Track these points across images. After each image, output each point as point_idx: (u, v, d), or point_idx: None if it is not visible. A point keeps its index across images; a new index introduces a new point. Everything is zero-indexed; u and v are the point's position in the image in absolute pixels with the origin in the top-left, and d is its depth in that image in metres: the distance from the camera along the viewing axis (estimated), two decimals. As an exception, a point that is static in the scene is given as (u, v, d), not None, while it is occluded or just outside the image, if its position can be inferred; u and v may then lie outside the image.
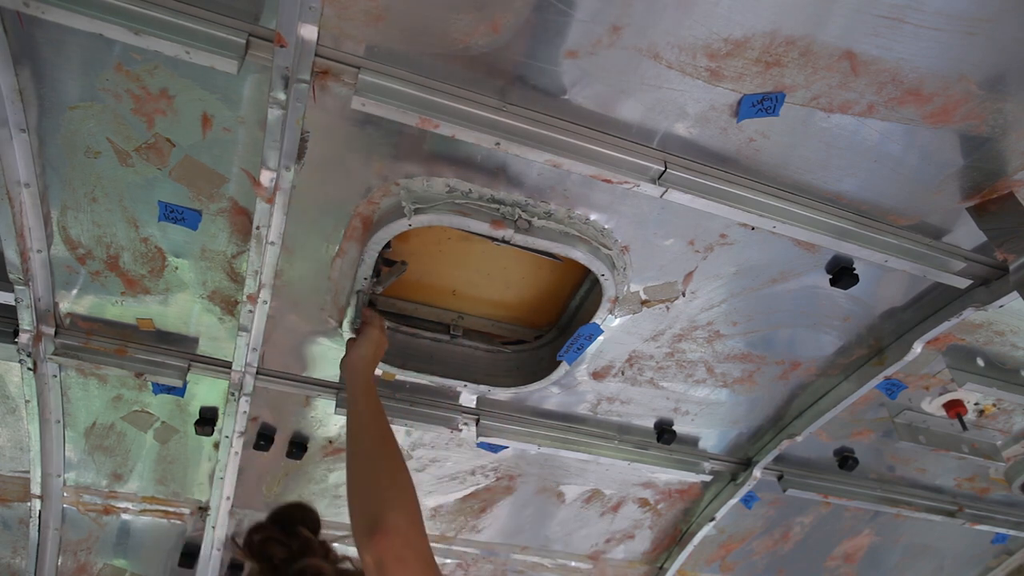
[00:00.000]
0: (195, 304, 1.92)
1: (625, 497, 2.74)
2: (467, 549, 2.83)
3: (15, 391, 2.11)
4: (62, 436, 2.18)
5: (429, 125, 1.46)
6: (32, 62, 1.40)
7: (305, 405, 2.22)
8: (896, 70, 1.41)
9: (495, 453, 2.44)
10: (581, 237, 1.76)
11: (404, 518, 1.35)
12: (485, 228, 1.67)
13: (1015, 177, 1.66)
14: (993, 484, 3.00)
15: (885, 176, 1.66)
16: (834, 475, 2.75)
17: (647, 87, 1.46)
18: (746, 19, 1.33)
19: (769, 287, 1.97)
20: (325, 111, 1.48)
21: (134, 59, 1.39)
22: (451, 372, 2.11)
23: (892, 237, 1.80)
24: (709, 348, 2.15)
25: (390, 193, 1.65)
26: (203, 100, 1.47)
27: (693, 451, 2.58)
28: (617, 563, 3.01)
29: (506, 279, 2.10)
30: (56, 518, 2.37)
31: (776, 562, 3.21)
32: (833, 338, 2.17)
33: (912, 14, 1.31)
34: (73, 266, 1.80)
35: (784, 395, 2.38)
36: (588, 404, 2.34)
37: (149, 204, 1.67)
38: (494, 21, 1.34)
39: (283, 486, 2.47)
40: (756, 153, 1.61)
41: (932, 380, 2.37)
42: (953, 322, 2.00)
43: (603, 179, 1.59)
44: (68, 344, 1.96)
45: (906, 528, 3.17)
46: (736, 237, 1.81)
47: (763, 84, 1.45)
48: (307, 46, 1.33)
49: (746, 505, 2.74)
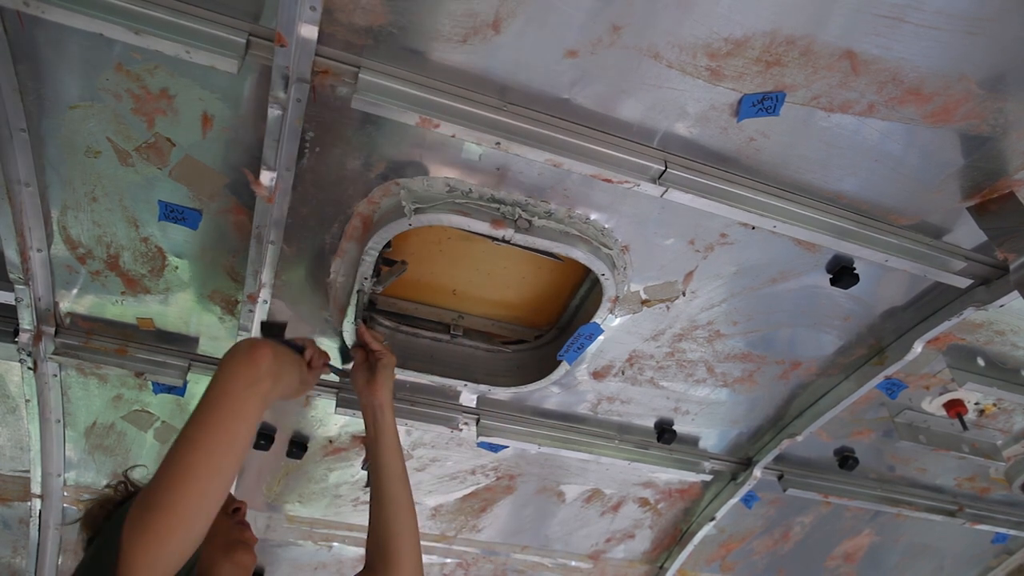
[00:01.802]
0: (195, 304, 1.92)
1: (625, 497, 2.74)
2: (467, 549, 2.83)
3: (15, 390, 2.11)
4: (62, 435, 2.18)
5: (429, 125, 1.46)
6: (32, 62, 1.40)
7: (305, 405, 2.22)
8: (896, 69, 1.41)
9: (495, 453, 2.44)
10: (581, 237, 1.75)
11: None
12: (485, 228, 1.67)
13: (1015, 176, 1.66)
14: (993, 484, 3.00)
15: (885, 176, 1.66)
16: (834, 475, 2.74)
17: (647, 87, 1.46)
18: (746, 19, 1.33)
19: (769, 287, 1.97)
20: (325, 111, 1.48)
21: (134, 59, 1.39)
22: (451, 372, 2.11)
23: (892, 237, 1.80)
24: (709, 348, 2.15)
25: (390, 193, 1.65)
26: (203, 100, 1.47)
27: (693, 451, 2.58)
28: (617, 563, 3.01)
29: (506, 279, 2.10)
30: (56, 517, 2.37)
31: (776, 562, 3.21)
32: (833, 338, 2.16)
33: (912, 13, 1.31)
34: (73, 266, 1.80)
35: (784, 395, 2.38)
36: (588, 404, 2.34)
37: (149, 204, 1.67)
38: (495, 20, 1.34)
39: (283, 485, 2.47)
40: (756, 153, 1.61)
41: (932, 380, 2.37)
42: (953, 322, 2.00)
43: (603, 179, 1.59)
44: (68, 343, 1.96)
45: (906, 528, 3.17)
46: (736, 237, 1.81)
47: (763, 84, 1.45)
48: (307, 46, 1.33)
49: (746, 505, 2.74)
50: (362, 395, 1.75)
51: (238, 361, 1.30)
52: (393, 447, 1.71)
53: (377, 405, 1.72)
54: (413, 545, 1.65)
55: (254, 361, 1.31)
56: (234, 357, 1.31)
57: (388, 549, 1.62)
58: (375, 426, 1.71)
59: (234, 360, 1.31)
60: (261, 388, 1.30)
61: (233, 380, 1.28)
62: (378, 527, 1.65)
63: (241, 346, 1.35)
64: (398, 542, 1.62)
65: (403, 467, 1.71)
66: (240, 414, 1.25)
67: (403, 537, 1.63)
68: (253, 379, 1.29)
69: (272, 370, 1.33)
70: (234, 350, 1.34)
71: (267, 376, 1.32)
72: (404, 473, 1.70)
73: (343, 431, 2.32)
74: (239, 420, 1.25)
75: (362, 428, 2.29)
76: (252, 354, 1.32)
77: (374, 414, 1.72)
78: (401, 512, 1.65)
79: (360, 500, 2.55)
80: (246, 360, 1.31)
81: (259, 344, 1.35)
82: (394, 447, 1.71)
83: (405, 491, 1.68)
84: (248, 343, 1.36)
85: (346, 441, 2.35)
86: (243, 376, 1.29)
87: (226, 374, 1.28)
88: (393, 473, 1.68)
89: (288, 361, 1.46)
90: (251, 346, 1.34)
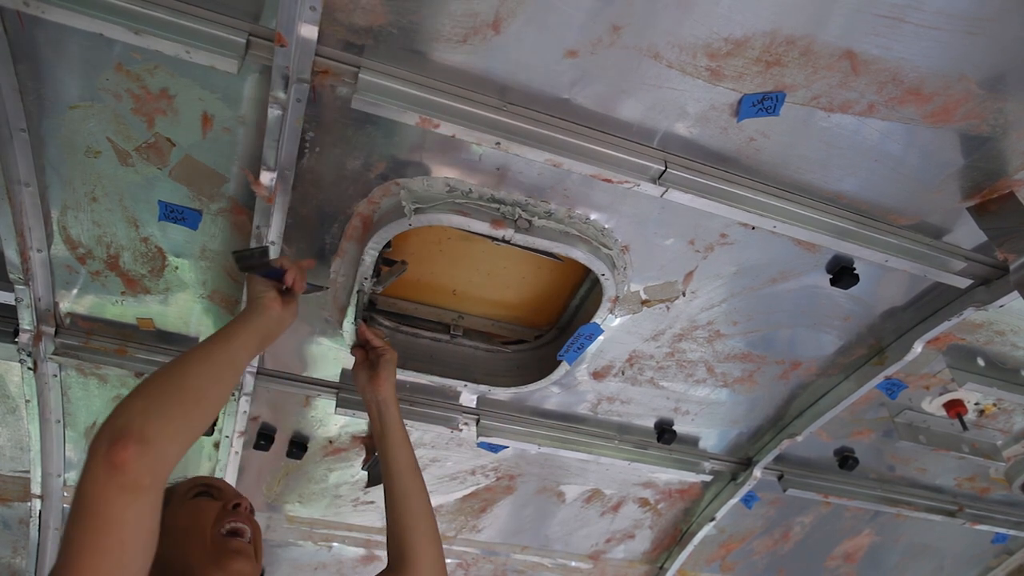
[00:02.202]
0: (195, 304, 1.92)
1: (625, 497, 2.74)
2: (467, 549, 2.83)
3: (15, 391, 2.11)
4: (62, 436, 2.18)
5: (429, 125, 1.46)
6: (32, 62, 1.40)
7: (305, 405, 2.22)
8: (896, 69, 1.41)
9: (495, 453, 2.44)
10: (581, 237, 1.75)
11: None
12: (485, 228, 1.67)
13: (1015, 177, 1.66)
14: (993, 484, 3.00)
15: (885, 176, 1.66)
16: (834, 475, 2.74)
17: (647, 87, 1.46)
18: (746, 19, 1.33)
19: (769, 287, 1.97)
20: (325, 111, 1.48)
21: (134, 59, 1.39)
22: (451, 372, 2.11)
23: (892, 237, 1.80)
24: (709, 348, 2.15)
25: (390, 193, 1.65)
26: (203, 100, 1.47)
27: (693, 451, 2.58)
28: (617, 563, 3.01)
29: (506, 279, 2.10)
30: (56, 518, 2.37)
31: (776, 562, 3.21)
32: (833, 338, 2.16)
33: (912, 13, 1.31)
34: (73, 266, 1.80)
35: (784, 395, 2.38)
36: (588, 404, 2.34)
37: (149, 204, 1.67)
38: (495, 20, 1.34)
39: (283, 485, 2.47)
40: (756, 153, 1.61)
41: (932, 380, 2.37)
42: (953, 322, 2.00)
43: (603, 179, 1.59)
44: (68, 344, 1.96)
45: (906, 528, 3.17)
46: (736, 237, 1.81)
47: (763, 84, 1.45)
48: (307, 46, 1.33)
49: (746, 505, 2.74)
50: (365, 392, 1.75)
51: (96, 464, 1.03)
52: (401, 441, 1.69)
53: (382, 400, 1.71)
54: (430, 538, 1.61)
55: (115, 466, 1.02)
56: (94, 458, 1.03)
57: (404, 543, 1.58)
58: (381, 421, 1.70)
59: (94, 463, 1.03)
60: (137, 488, 1.03)
61: (94, 487, 1.02)
62: (394, 523, 1.62)
63: (102, 445, 1.04)
64: (414, 535, 1.59)
65: (413, 460, 1.69)
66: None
67: (419, 530, 1.60)
68: (118, 486, 1.02)
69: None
70: (94, 450, 1.04)
71: (144, 473, 1.04)
72: (415, 466, 1.68)
73: (343, 431, 2.32)
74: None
75: (362, 428, 2.31)
76: (111, 458, 1.02)
77: (379, 409, 1.71)
78: (415, 505, 1.62)
79: (360, 500, 2.55)
80: (106, 465, 1.02)
81: (122, 441, 1.03)
82: (402, 440, 1.70)
83: (417, 483, 1.66)
84: (108, 440, 1.04)
85: (346, 441, 2.35)
86: (107, 483, 1.03)
87: (86, 480, 1.03)
88: (403, 466, 1.66)
89: (266, 320, 1.38)
90: (111, 445, 1.03)
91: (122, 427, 1.05)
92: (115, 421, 1.07)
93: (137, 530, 1.03)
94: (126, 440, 1.03)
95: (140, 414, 1.09)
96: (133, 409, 1.10)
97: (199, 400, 1.19)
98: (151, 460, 1.05)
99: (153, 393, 1.15)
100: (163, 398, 1.14)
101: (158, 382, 1.18)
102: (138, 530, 1.04)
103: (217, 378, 1.25)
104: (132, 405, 1.11)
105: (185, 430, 1.15)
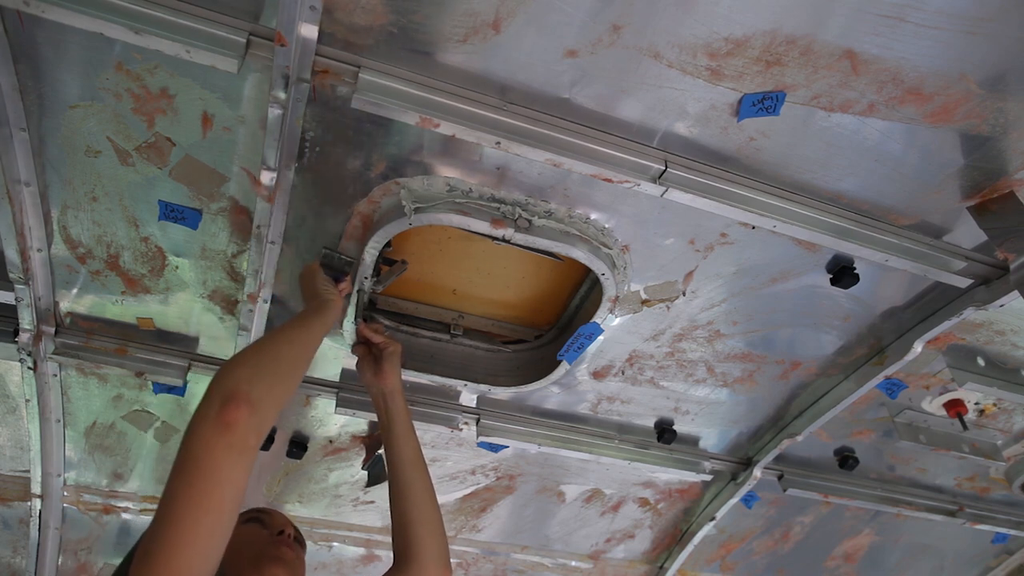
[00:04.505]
0: (195, 303, 1.92)
1: (625, 497, 2.74)
2: (467, 549, 2.83)
3: (15, 390, 2.11)
4: (62, 435, 2.18)
5: (429, 124, 1.46)
6: (32, 61, 1.40)
7: (305, 405, 2.22)
8: (897, 69, 1.41)
9: (495, 453, 2.44)
10: (581, 236, 1.76)
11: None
12: (485, 227, 1.67)
13: (1016, 176, 1.66)
14: (993, 484, 3.00)
15: (885, 175, 1.66)
16: (834, 475, 2.74)
17: (647, 86, 1.46)
18: (746, 18, 1.33)
19: (769, 286, 1.97)
20: (325, 110, 1.48)
21: (134, 58, 1.39)
22: (451, 372, 2.11)
23: (892, 236, 1.80)
24: (709, 347, 2.15)
25: (390, 192, 1.65)
26: (203, 99, 1.47)
27: (693, 451, 2.58)
28: (617, 563, 3.01)
29: (506, 279, 2.10)
30: (56, 517, 2.37)
31: (776, 562, 3.21)
32: (833, 338, 2.16)
33: (913, 13, 1.31)
34: (73, 265, 1.80)
35: (784, 395, 2.38)
36: (588, 404, 2.34)
37: (149, 203, 1.67)
38: (495, 20, 1.34)
39: (283, 485, 2.47)
40: (757, 152, 1.61)
41: (932, 380, 2.37)
42: (953, 321, 2.00)
43: (603, 178, 1.59)
44: (68, 343, 1.96)
45: (906, 528, 3.17)
46: (736, 236, 1.81)
47: (763, 83, 1.45)
48: (307, 45, 1.33)
49: (746, 505, 2.74)
50: (371, 386, 1.75)
51: (208, 424, 1.09)
52: (407, 432, 1.69)
53: (388, 392, 1.71)
54: (436, 531, 1.59)
55: (227, 425, 1.09)
56: (205, 419, 1.10)
57: (409, 536, 1.57)
58: (387, 413, 1.70)
59: (205, 423, 1.09)
60: (244, 448, 1.10)
61: (205, 447, 1.08)
62: (399, 515, 1.60)
63: (212, 406, 1.11)
64: (419, 528, 1.58)
65: (419, 452, 1.68)
66: (220, 479, 1.08)
67: (424, 523, 1.58)
68: (227, 444, 1.08)
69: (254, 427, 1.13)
70: (203, 412, 1.11)
71: (251, 433, 1.12)
72: (420, 458, 1.67)
73: (343, 431, 2.32)
74: (222, 485, 1.08)
75: (362, 428, 2.31)
76: (223, 418, 1.09)
77: (385, 401, 1.71)
78: (420, 497, 1.61)
79: (360, 500, 2.55)
80: (217, 425, 1.09)
81: (234, 402, 1.11)
82: (408, 432, 1.69)
83: (422, 476, 1.65)
84: (220, 401, 1.11)
85: (346, 441, 2.35)
86: (217, 442, 1.08)
87: (196, 439, 1.09)
88: (409, 458, 1.66)
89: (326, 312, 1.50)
90: (223, 406, 1.10)
91: (233, 389, 1.12)
92: (224, 384, 1.14)
93: (237, 491, 1.09)
94: (238, 401, 1.10)
95: (247, 380, 1.15)
96: (240, 375, 1.17)
97: (291, 372, 1.29)
98: (258, 421, 1.12)
99: (254, 362, 1.23)
100: (264, 367, 1.22)
101: (256, 354, 1.28)
102: (237, 491, 1.09)
103: (302, 356, 1.37)
104: (237, 372, 1.18)
105: (282, 397, 1.25)
